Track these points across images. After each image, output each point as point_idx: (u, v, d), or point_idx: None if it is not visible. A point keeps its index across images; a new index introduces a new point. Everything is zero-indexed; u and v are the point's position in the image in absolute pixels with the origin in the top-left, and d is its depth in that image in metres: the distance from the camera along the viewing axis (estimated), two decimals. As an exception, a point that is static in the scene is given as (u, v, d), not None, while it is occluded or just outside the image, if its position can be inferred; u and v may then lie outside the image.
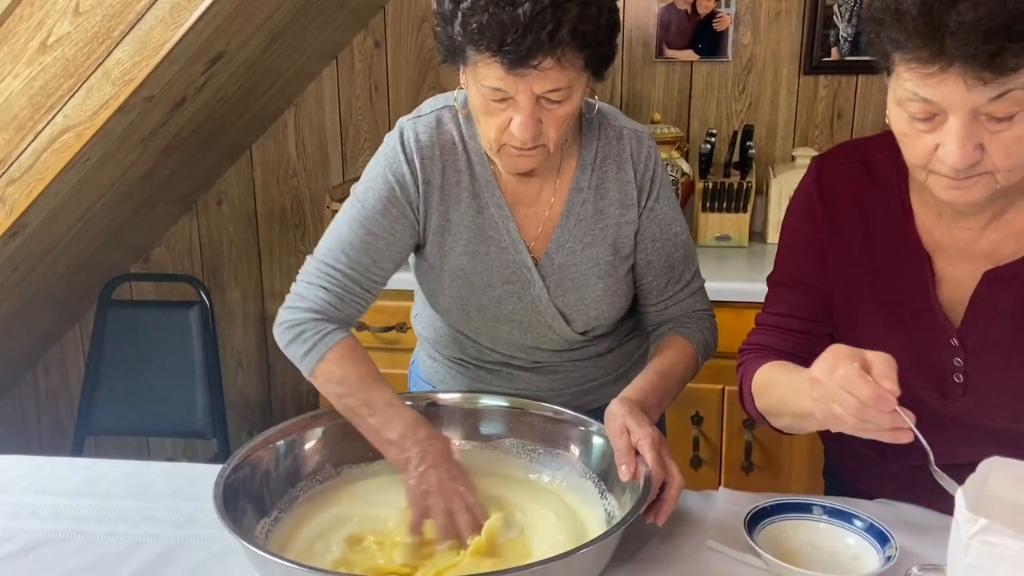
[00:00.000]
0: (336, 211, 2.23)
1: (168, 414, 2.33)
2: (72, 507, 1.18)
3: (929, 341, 1.05)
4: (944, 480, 0.85)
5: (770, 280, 1.18)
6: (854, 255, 1.08)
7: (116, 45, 1.57)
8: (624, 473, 1.05)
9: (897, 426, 0.86)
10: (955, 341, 1.03)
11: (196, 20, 1.54)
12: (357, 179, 2.55)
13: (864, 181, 1.08)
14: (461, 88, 1.16)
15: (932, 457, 0.86)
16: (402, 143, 1.21)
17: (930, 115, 0.88)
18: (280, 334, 1.20)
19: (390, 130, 2.81)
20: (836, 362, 0.88)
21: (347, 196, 2.33)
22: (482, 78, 1.07)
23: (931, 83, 0.85)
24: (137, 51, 1.57)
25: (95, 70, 1.59)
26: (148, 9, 1.55)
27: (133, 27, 1.56)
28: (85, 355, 2.44)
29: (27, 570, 1.05)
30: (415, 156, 1.20)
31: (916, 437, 0.85)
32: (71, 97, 1.60)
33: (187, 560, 1.06)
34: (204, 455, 2.77)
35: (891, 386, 0.84)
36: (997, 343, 1.02)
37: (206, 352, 2.34)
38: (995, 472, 0.68)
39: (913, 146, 0.92)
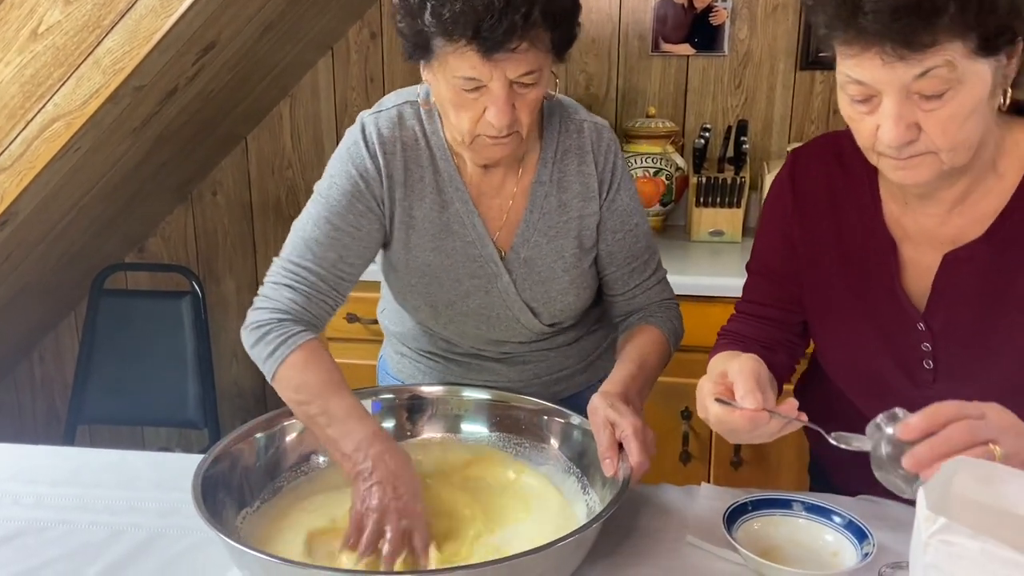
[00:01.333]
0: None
1: (160, 404, 2.34)
2: (56, 496, 1.18)
3: (897, 328, 1.07)
4: (846, 442, 0.90)
5: (747, 267, 1.20)
6: (824, 244, 1.10)
7: (106, 34, 1.57)
8: (608, 468, 1.05)
9: (785, 425, 0.93)
10: (921, 326, 1.05)
11: (186, 9, 1.54)
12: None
13: (836, 172, 1.09)
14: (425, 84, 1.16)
15: (828, 437, 0.92)
16: (364, 137, 1.19)
17: (867, 96, 0.91)
18: (246, 336, 1.17)
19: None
20: (704, 406, 0.96)
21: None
22: (453, 69, 1.06)
23: (858, 64, 0.88)
24: (127, 40, 1.57)
25: (85, 59, 1.59)
26: (139, -2, 1.55)
27: (123, 16, 1.56)
28: (79, 344, 2.44)
29: (8, 558, 1.06)
30: (378, 150, 1.19)
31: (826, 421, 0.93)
32: (61, 86, 1.60)
33: (167, 549, 1.07)
34: (199, 445, 2.77)
35: (752, 402, 0.90)
36: (962, 327, 1.03)
37: (198, 342, 2.34)
38: (960, 472, 0.68)
39: (858, 129, 0.95)
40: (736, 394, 0.92)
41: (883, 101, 0.89)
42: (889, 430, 0.86)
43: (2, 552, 1.07)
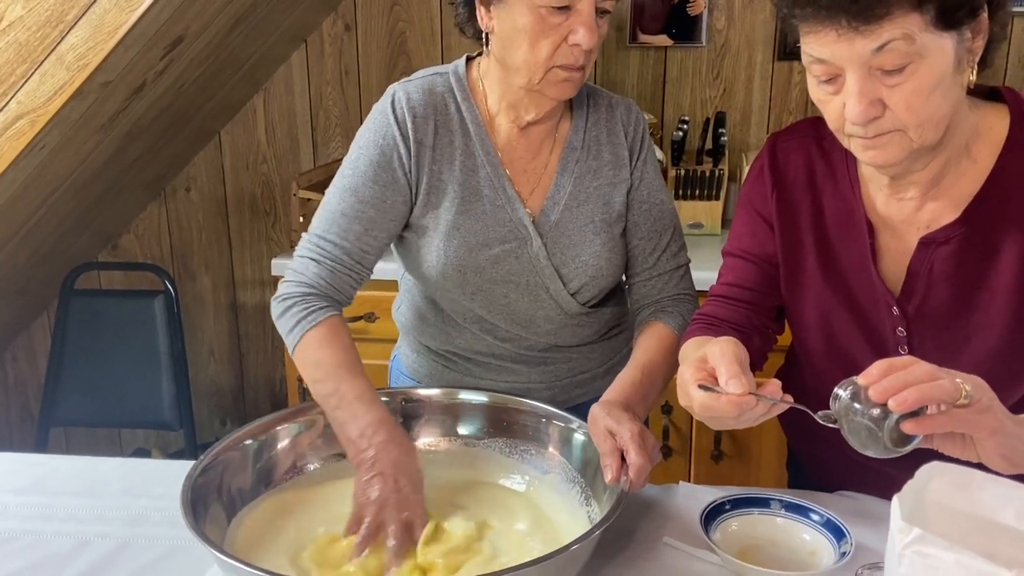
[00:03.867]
0: (303, 198, 2.20)
1: (134, 405, 2.30)
2: (21, 505, 1.16)
3: (873, 312, 1.07)
4: (832, 419, 0.86)
5: (723, 251, 1.19)
6: (803, 228, 1.10)
7: (70, 29, 1.53)
8: (608, 474, 1.02)
9: (770, 408, 0.89)
10: (895, 310, 1.04)
11: (152, 3, 1.50)
12: (327, 165, 2.51)
13: (815, 156, 1.09)
14: (486, 31, 1.18)
15: (815, 416, 0.88)
16: (393, 106, 1.21)
17: (831, 76, 0.91)
18: (273, 308, 1.20)
19: (361, 116, 2.77)
20: (687, 393, 0.92)
21: (315, 183, 2.29)
22: None
23: (818, 40, 0.89)
24: (91, 35, 1.53)
25: (49, 55, 1.55)
26: (102, -9, 1.51)
27: (87, 11, 1.52)
28: (51, 345, 2.40)
29: (-30, 571, 1.03)
30: (407, 117, 1.20)
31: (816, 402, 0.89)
32: (24, 83, 1.56)
33: (135, 560, 1.04)
34: (176, 444, 2.74)
35: (737, 387, 0.86)
36: (936, 311, 1.03)
37: (172, 342, 2.31)
38: (935, 478, 0.67)
39: (827, 111, 0.95)
40: (719, 379, 0.89)
41: (846, 78, 0.90)
42: (850, 389, 0.84)
43: (-36, 565, 1.04)
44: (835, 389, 0.85)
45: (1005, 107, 1.00)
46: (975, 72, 0.93)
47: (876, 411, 0.80)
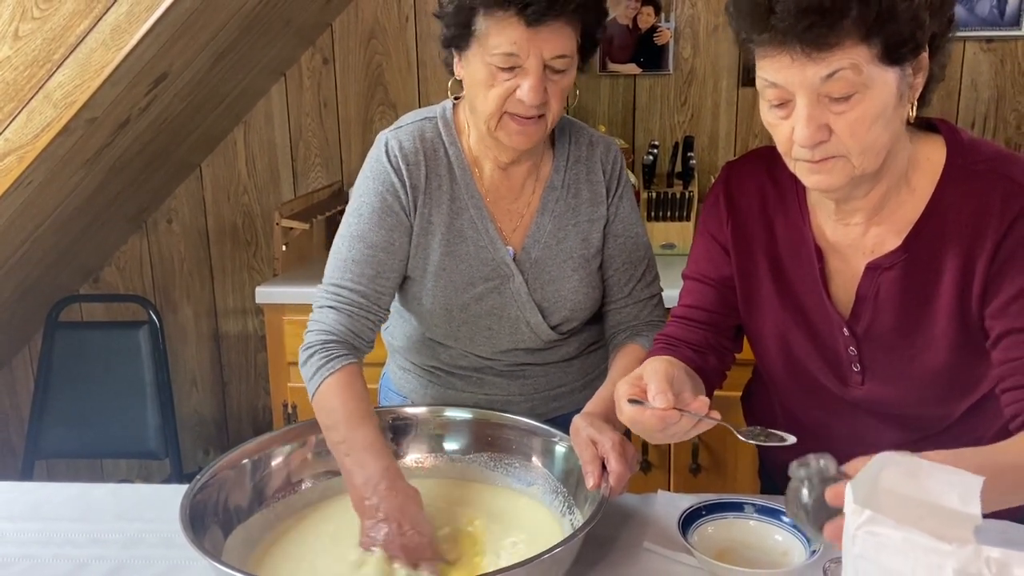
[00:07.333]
0: (286, 227, 2.24)
1: (119, 435, 2.31)
2: (17, 531, 1.18)
3: (826, 333, 1.13)
4: (753, 437, 0.94)
5: (683, 274, 1.25)
6: (757, 254, 1.15)
7: (57, 68, 1.58)
8: (589, 481, 1.07)
9: (697, 424, 0.95)
10: (846, 331, 1.10)
11: (137, 42, 1.55)
12: (308, 195, 2.55)
13: (767, 185, 1.15)
14: (457, 79, 1.22)
15: (736, 432, 0.95)
16: (387, 153, 1.26)
17: (783, 101, 0.97)
18: (300, 357, 1.23)
19: (340, 146, 2.82)
20: (620, 407, 0.99)
21: (297, 212, 2.33)
22: (493, 47, 1.13)
23: (774, 66, 0.95)
24: (78, 74, 1.57)
25: (36, 93, 1.59)
26: (89, 32, 1.55)
27: (74, 50, 1.57)
28: (35, 378, 2.41)
29: (-30, 596, 1.05)
30: (401, 163, 1.25)
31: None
32: (12, 121, 1.60)
33: (132, 580, 1.07)
34: (159, 475, 2.75)
35: (663, 402, 0.94)
36: (884, 331, 1.09)
37: (157, 372, 2.33)
38: (887, 467, 0.72)
39: (777, 135, 1.01)
40: (648, 394, 0.96)
41: (796, 103, 0.96)
42: (803, 472, 0.85)
43: (-36, 590, 1.06)
44: (809, 457, 0.85)
45: (941, 138, 1.06)
46: (915, 108, 1.00)
47: (814, 502, 0.82)
